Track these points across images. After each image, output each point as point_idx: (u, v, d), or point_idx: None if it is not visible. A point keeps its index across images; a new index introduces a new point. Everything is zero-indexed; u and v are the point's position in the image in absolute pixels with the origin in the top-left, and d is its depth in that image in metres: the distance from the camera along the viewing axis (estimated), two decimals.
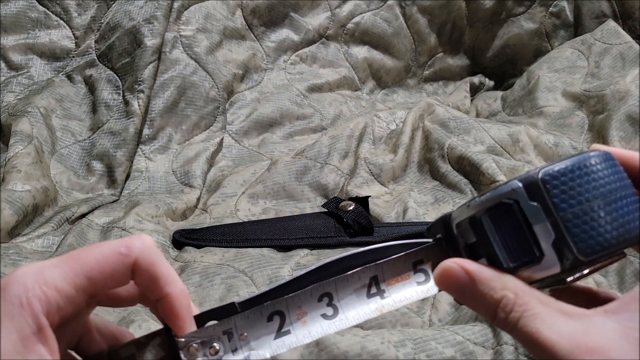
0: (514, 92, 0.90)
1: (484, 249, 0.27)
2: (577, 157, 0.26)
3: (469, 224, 0.28)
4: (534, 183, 0.26)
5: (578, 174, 0.26)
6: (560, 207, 0.25)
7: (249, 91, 0.82)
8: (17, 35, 0.74)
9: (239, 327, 0.28)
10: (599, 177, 0.26)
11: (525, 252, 0.26)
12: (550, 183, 0.25)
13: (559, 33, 0.99)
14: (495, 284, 0.26)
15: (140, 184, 0.69)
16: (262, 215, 0.65)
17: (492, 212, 0.27)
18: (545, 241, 0.25)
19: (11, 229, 0.55)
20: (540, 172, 0.26)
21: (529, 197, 0.26)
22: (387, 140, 0.75)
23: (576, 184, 0.25)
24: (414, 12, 0.92)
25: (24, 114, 0.66)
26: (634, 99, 0.74)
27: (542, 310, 0.25)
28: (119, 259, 0.24)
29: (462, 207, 0.28)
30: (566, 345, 0.24)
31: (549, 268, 0.26)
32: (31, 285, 0.23)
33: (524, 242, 0.26)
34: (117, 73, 0.73)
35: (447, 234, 0.29)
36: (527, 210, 0.26)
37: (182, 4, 0.77)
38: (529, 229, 0.26)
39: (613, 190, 0.26)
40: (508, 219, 0.26)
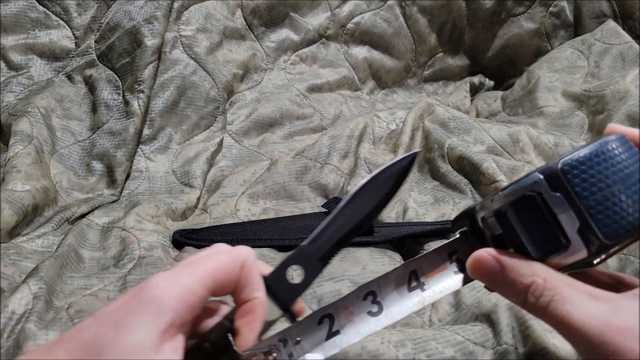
0: (514, 92, 0.90)
1: (511, 240, 0.28)
2: (594, 145, 0.26)
3: (495, 218, 0.28)
4: (554, 174, 0.26)
5: (596, 161, 0.26)
6: (582, 195, 0.26)
7: (249, 91, 0.82)
8: (17, 35, 0.74)
9: (293, 334, 0.29)
10: (617, 162, 0.26)
11: (552, 240, 0.27)
12: (571, 173, 0.26)
13: (559, 33, 0.99)
14: (525, 271, 0.27)
15: (140, 184, 0.69)
16: (262, 215, 0.65)
17: (517, 205, 0.27)
18: (571, 229, 0.26)
19: (11, 229, 0.55)
20: (559, 163, 0.26)
21: (551, 187, 0.26)
22: (387, 140, 0.75)
23: (596, 171, 0.26)
24: (414, 12, 0.92)
25: (24, 114, 0.66)
26: (634, 99, 0.74)
27: (571, 293, 0.26)
28: (234, 262, 0.27)
29: (486, 200, 0.29)
30: (596, 325, 0.25)
31: (576, 254, 0.27)
32: (167, 287, 0.25)
33: (550, 232, 0.27)
34: (117, 73, 0.73)
35: (473, 227, 0.30)
36: (551, 201, 0.26)
37: (182, 4, 0.77)
38: (554, 219, 0.26)
39: (631, 173, 0.26)
40: (533, 211, 0.27)
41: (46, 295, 0.46)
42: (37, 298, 0.45)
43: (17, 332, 0.43)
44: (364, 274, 0.52)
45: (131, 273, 0.52)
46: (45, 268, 0.48)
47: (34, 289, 0.46)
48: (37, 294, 0.46)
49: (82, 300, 0.48)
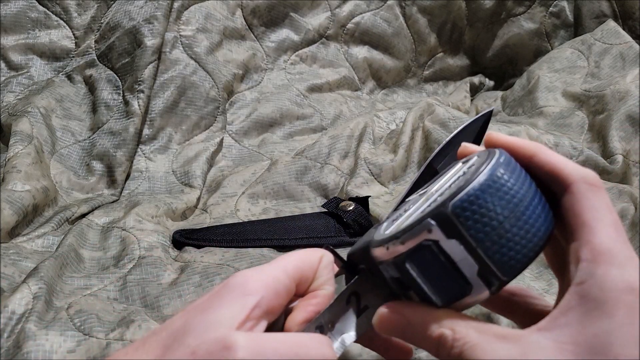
0: (514, 92, 0.90)
1: (413, 287, 0.27)
2: (482, 176, 0.25)
3: (393, 265, 0.27)
4: (447, 219, 0.25)
5: (485, 197, 0.25)
6: (477, 238, 0.25)
7: (249, 91, 0.82)
8: (17, 35, 0.74)
9: (326, 319, 0.30)
10: (505, 192, 0.25)
11: (454, 287, 0.26)
12: (462, 215, 0.25)
13: (559, 33, 0.99)
14: (431, 324, 0.26)
15: (140, 184, 0.69)
16: (262, 215, 0.65)
17: (413, 255, 0.26)
18: (470, 273, 0.26)
19: (11, 229, 0.55)
20: (450, 206, 0.25)
21: (446, 234, 0.25)
22: (387, 140, 0.75)
23: (486, 209, 0.25)
24: (414, 12, 0.92)
25: (24, 114, 0.66)
26: (634, 99, 0.74)
27: (480, 339, 0.25)
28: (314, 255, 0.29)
29: (382, 246, 0.28)
30: None
31: (479, 295, 0.26)
32: (251, 275, 0.26)
33: (451, 278, 0.26)
34: (117, 73, 0.73)
35: (371, 266, 0.29)
36: (448, 248, 0.26)
37: (182, 4, 0.77)
38: (453, 265, 0.26)
39: (520, 200, 0.26)
40: (430, 259, 0.26)
41: (46, 295, 0.46)
42: (37, 298, 0.45)
43: (17, 332, 0.43)
44: None
45: (131, 273, 0.52)
46: (45, 268, 0.48)
47: (34, 289, 0.46)
48: (37, 294, 0.46)
49: (82, 300, 0.48)
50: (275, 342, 0.25)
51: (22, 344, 0.41)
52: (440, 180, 0.30)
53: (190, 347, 0.24)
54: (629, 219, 0.59)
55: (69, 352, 0.42)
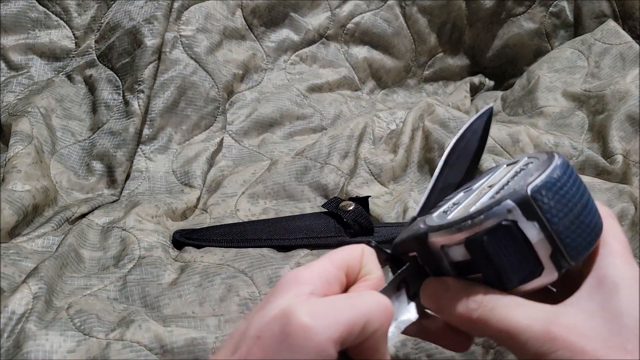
0: (514, 92, 0.90)
1: (484, 268, 0.28)
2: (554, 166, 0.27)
3: (465, 246, 0.28)
4: (526, 201, 0.26)
5: (560, 184, 0.27)
6: (552, 221, 0.26)
7: (249, 91, 0.82)
8: (17, 35, 0.74)
9: None
10: (572, 184, 0.27)
11: (528, 268, 0.27)
12: (540, 199, 0.26)
13: (559, 33, 0.99)
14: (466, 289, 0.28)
15: (140, 184, 0.69)
16: (262, 215, 0.65)
17: (492, 234, 0.27)
18: (544, 255, 0.27)
19: (11, 229, 0.55)
20: (528, 189, 0.26)
21: (525, 215, 0.26)
22: (387, 140, 0.75)
23: (561, 195, 0.27)
24: (414, 12, 0.92)
25: (24, 114, 0.66)
26: (634, 99, 0.74)
27: (512, 300, 0.27)
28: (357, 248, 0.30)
29: (448, 229, 0.28)
30: (541, 325, 0.26)
31: (548, 277, 0.27)
32: (302, 269, 0.28)
33: (526, 259, 0.27)
34: (117, 73, 0.73)
35: (425, 253, 0.30)
36: (526, 229, 0.27)
37: (182, 4, 0.77)
38: (529, 246, 0.27)
39: (584, 193, 0.27)
40: (508, 239, 0.27)
41: (46, 295, 0.46)
42: (37, 298, 0.45)
43: (17, 332, 0.43)
44: None
45: (131, 273, 0.52)
46: (45, 268, 0.48)
47: (34, 289, 0.46)
48: (37, 294, 0.46)
49: (82, 300, 0.48)
50: (333, 301, 0.26)
51: (22, 344, 0.41)
52: (485, 179, 0.32)
53: (253, 335, 0.25)
54: (629, 219, 0.59)
55: (69, 352, 0.42)
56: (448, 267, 0.29)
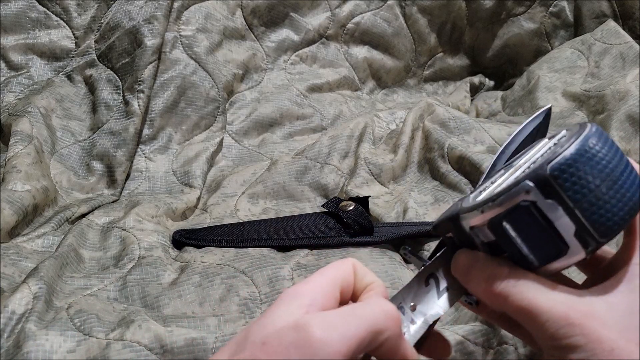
0: (514, 92, 0.90)
1: (508, 249, 0.28)
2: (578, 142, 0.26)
3: (489, 228, 0.28)
4: (545, 180, 0.26)
5: (582, 161, 0.26)
6: (574, 199, 0.26)
7: (249, 91, 0.82)
8: (17, 35, 0.74)
9: (406, 300, 0.31)
10: (600, 158, 0.26)
11: (551, 247, 0.27)
12: (561, 177, 0.26)
13: (559, 33, 0.99)
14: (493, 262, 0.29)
15: (140, 184, 0.69)
16: (262, 215, 0.65)
17: (511, 215, 0.27)
18: (568, 233, 0.26)
19: (11, 229, 0.55)
20: (548, 168, 0.26)
21: (544, 195, 0.26)
22: (387, 140, 0.75)
23: (584, 172, 0.26)
24: (414, 12, 0.92)
25: (24, 114, 0.66)
26: (634, 99, 0.74)
27: (535, 280, 0.28)
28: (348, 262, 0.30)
29: (474, 210, 0.29)
30: (560, 309, 0.26)
31: (575, 256, 0.27)
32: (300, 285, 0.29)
33: (548, 239, 0.27)
34: (117, 73, 0.73)
35: (460, 234, 0.30)
36: (545, 209, 0.26)
37: (182, 4, 0.77)
38: (550, 225, 0.26)
39: (614, 167, 0.26)
40: (528, 219, 0.27)
41: (46, 295, 0.46)
42: (37, 298, 0.45)
43: (17, 332, 0.43)
44: None
45: (131, 273, 0.52)
46: (45, 268, 0.48)
47: (34, 289, 0.46)
48: (37, 294, 0.46)
49: (82, 300, 0.48)
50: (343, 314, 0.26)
51: (22, 344, 0.41)
52: (525, 155, 0.32)
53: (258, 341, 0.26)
54: None
55: (69, 352, 0.42)
56: (480, 248, 0.30)
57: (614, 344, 0.25)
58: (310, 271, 0.53)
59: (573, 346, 0.26)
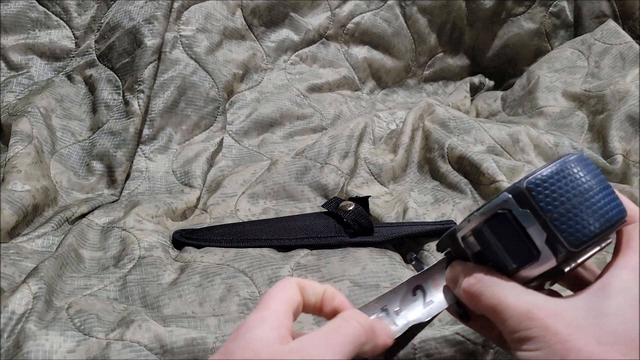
0: (514, 92, 0.90)
1: (490, 255, 0.31)
2: (556, 163, 0.30)
3: (473, 236, 0.32)
4: (520, 192, 0.30)
5: (557, 178, 0.29)
6: (546, 209, 0.29)
7: (249, 91, 0.82)
8: (17, 35, 0.74)
9: (392, 304, 0.34)
10: (576, 177, 0.30)
11: (525, 252, 0.30)
12: (535, 190, 0.29)
13: (559, 33, 0.99)
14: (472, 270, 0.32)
15: (140, 184, 0.69)
16: (262, 215, 0.65)
17: (490, 222, 0.31)
18: (539, 240, 0.29)
19: (11, 229, 0.55)
20: (525, 182, 0.30)
21: (519, 204, 0.30)
22: (387, 140, 0.75)
23: (557, 187, 0.29)
24: (414, 12, 0.92)
25: (24, 114, 0.66)
26: (634, 99, 0.74)
27: (508, 283, 0.30)
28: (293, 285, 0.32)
29: (464, 221, 0.33)
30: (525, 307, 0.29)
31: (547, 262, 0.30)
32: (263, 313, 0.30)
33: (522, 244, 0.30)
34: (117, 73, 0.73)
35: (456, 247, 0.34)
36: (520, 217, 0.30)
37: (182, 4, 0.77)
38: (524, 232, 0.30)
39: (590, 187, 0.30)
40: (505, 227, 0.30)
41: (46, 295, 0.46)
42: (37, 298, 0.45)
43: (17, 332, 0.43)
44: (364, 274, 0.52)
45: (131, 273, 0.52)
46: (45, 268, 0.48)
47: (34, 289, 0.46)
48: (37, 294, 0.46)
49: (82, 300, 0.48)
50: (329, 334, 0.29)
51: (22, 344, 0.41)
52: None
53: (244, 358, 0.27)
54: None
55: (69, 352, 0.42)
56: (471, 259, 0.33)
57: (569, 337, 0.27)
58: (310, 271, 0.53)
59: (531, 337, 0.28)
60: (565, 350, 0.27)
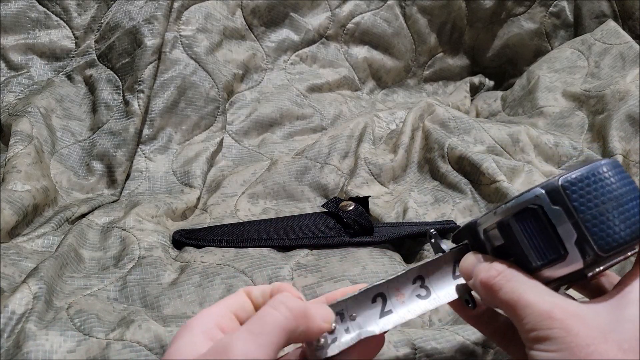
0: (514, 92, 0.90)
1: (513, 250, 0.30)
2: (591, 165, 0.29)
3: (498, 229, 0.31)
4: (555, 189, 0.29)
5: (593, 179, 0.29)
6: (579, 210, 0.28)
7: (249, 91, 0.82)
8: (17, 35, 0.74)
9: (349, 309, 0.32)
10: (610, 182, 0.29)
11: (552, 251, 0.29)
12: (570, 189, 0.29)
13: (559, 33, 0.99)
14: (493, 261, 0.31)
15: (140, 184, 0.69)
16: (262, 215, 0.65)
17: (519, 216, 0.30)
18: (569, 240, 0.29)
19: (11, 229, 0.55)
20: (560, 180, 0.29)
21: (552, 202, 0.29)
22: (387, 140, 0.75)
23: (592, 189, 0.29)
24: (414, 12, 0.92)
25: (24, 114, 0.66)
26: (634, 99, 0.74)
27: (530, 280, 0.30)
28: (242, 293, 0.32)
29: (489, 214, 0.32)
30: (546, 306, 0.28)
31: (573, 264, 0.29)
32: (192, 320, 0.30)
33: (550, 242, 0.29)
34: (117, 73, 0.73)
35: (474, 240, 0.33)
36: (551, 214, 0.29)
37: (182, 4, 0.77)
38: (554, 230, 0.29)
39: (623, 194, 0.29)
40: (534, 222, 0.29)
41: (46, 295, 0.46)
42: (37, 298, 0.45)
43: (17, 332, 0.43)
44: (364, 274, 0.52)
45: (131, 273, 0.52)
46: (45, 268, 0.48)
47: (34, 289, 0.46)
48: (37, 294, 0.46)
49: (82, 300, 0.48)
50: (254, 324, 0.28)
51: (22, 344, 0.41)
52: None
53: None
54: None
55: (69, 352, 0.42)
56: (490, 253, 0.32)
57: (591, 341, 0.26)
58: (310, 271, 0.53)
59: (551, 337, 0.27)
60: (587, 353, 0.26)
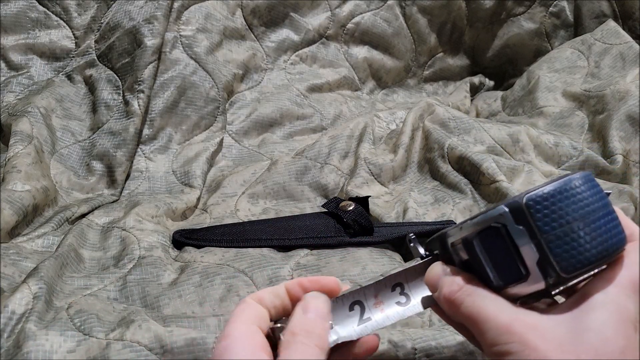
0: (514, 92, 0.90)
1: (476, 267, 0.30)
2: (559, 182, 0.28)
3: (462, 245, 0.30)
4: (519, 208, 0.28)
5: (559, 197, 0.28)
6: (543, 230, 0.27)
7: (249, 91, 0.82)
8: (17, 35, 0.74)
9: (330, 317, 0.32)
10: (579, 199, 0.28)
11: (513, 271, 0.28)
12: (534, 207, 0.28)
13: (559, 33, 0.99)
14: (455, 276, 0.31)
15: (140, 184, 0.69)
16: (262, 215, 0.65)
17: (482, 234, 0.29)
18: (531, 261, 0.28)
19: (11, 229, 0.55)
20: (524, 197, 0.28)
21: (515, 220, 0.28)
22: (387, 140, 0.75)
23: (557, 208, 0.27)
24: (414, 12, 0.92)
25: (24, 114, 0.66)
26: (634, 99, 0.74)
27: (490, 294, 0.29)
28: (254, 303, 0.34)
29: (456, 227, 0.31)
30: (505, 319, 0.27)
31: (535, 284, 0.28)
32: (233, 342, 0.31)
33: (512, 262, 0.28)
34: (117, 73, 0.73)
35: (444, 251, 0.32)
36: (514, 233, 0.28)
37: (182, 4, 0.77)
38: (516, 250, 0.28)
39: (592, 210, 0.28)
40: (497, 241, 0.29)
41: (46, 295, 0.46)
42: (37, 298, 0.45)
43: (17, 332, 0.43)
44: (364, 274, 0.52)
45: (131, 273, 0.52)
46: (45, 268, 0.48)
47: (34, 289, 0.46)
48: (37, 294, 0.46)
49: (82, 300, 0.48)
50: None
51: (22, 344, 0.41)
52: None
53: None
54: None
55: (69, 352, 0.42)
56: (458, 265, 0.31)
57: (548, 354, 0.26)
58: (310, 271, 0.53)
59: (510, 352, 0.27)
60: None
